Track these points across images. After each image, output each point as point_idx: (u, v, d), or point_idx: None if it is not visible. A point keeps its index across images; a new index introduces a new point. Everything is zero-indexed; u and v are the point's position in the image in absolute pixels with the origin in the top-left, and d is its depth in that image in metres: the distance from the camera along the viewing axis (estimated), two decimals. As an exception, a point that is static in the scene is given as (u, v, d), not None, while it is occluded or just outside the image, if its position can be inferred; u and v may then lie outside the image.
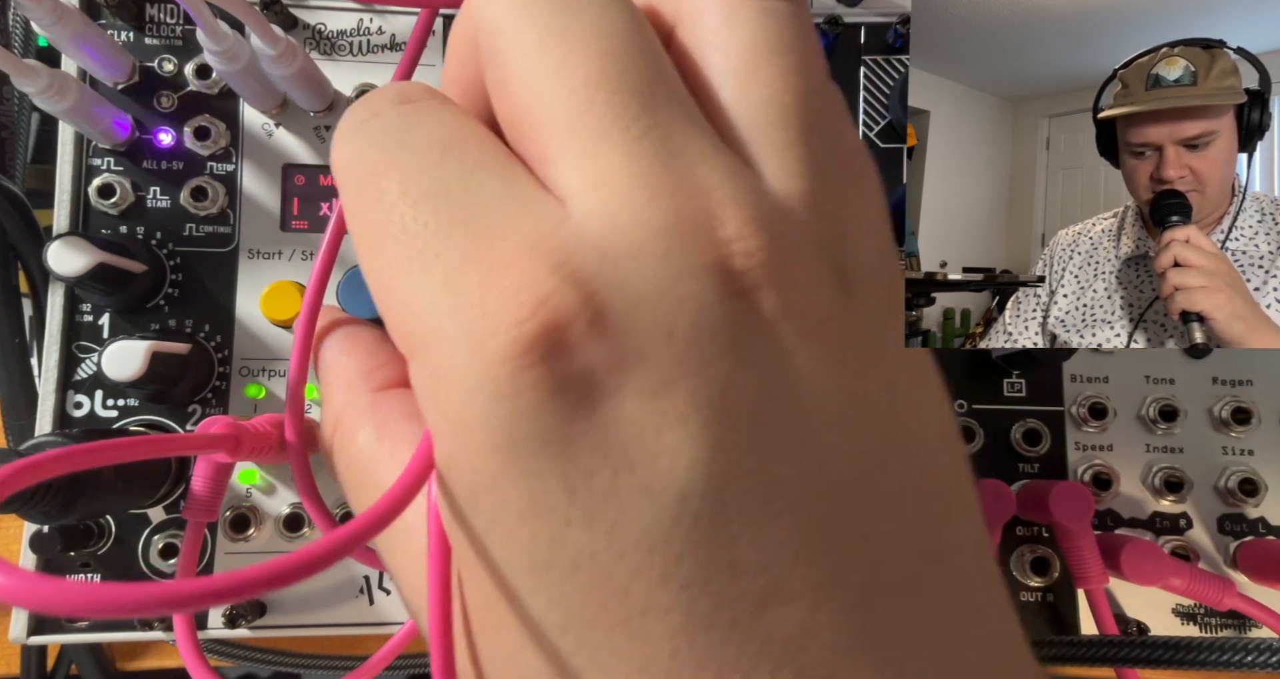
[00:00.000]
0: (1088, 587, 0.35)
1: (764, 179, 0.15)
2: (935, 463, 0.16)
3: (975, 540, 0.16)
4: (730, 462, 0.13)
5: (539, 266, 0.13)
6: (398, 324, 0.15)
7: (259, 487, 0.36)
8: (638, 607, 0.13)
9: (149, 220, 0.37)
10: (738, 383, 0.13)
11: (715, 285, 0.13)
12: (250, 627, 0.36)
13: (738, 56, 0.15)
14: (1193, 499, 0.38)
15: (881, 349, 0.15)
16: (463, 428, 0.14)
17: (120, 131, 0.36)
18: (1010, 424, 0.38)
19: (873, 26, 0.40)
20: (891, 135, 0.40)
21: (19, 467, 0.15)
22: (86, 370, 0.36)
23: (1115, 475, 0.38)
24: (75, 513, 0.29)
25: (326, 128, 0.38)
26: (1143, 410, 0.38)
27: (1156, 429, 0.38)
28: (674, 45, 0.16)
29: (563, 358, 0.13)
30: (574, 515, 0.13)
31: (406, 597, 0.19)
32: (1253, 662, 0.27)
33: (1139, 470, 0.38)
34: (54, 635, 0.35)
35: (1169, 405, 0.38)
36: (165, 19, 0.38)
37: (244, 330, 0.37)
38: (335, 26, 0.39)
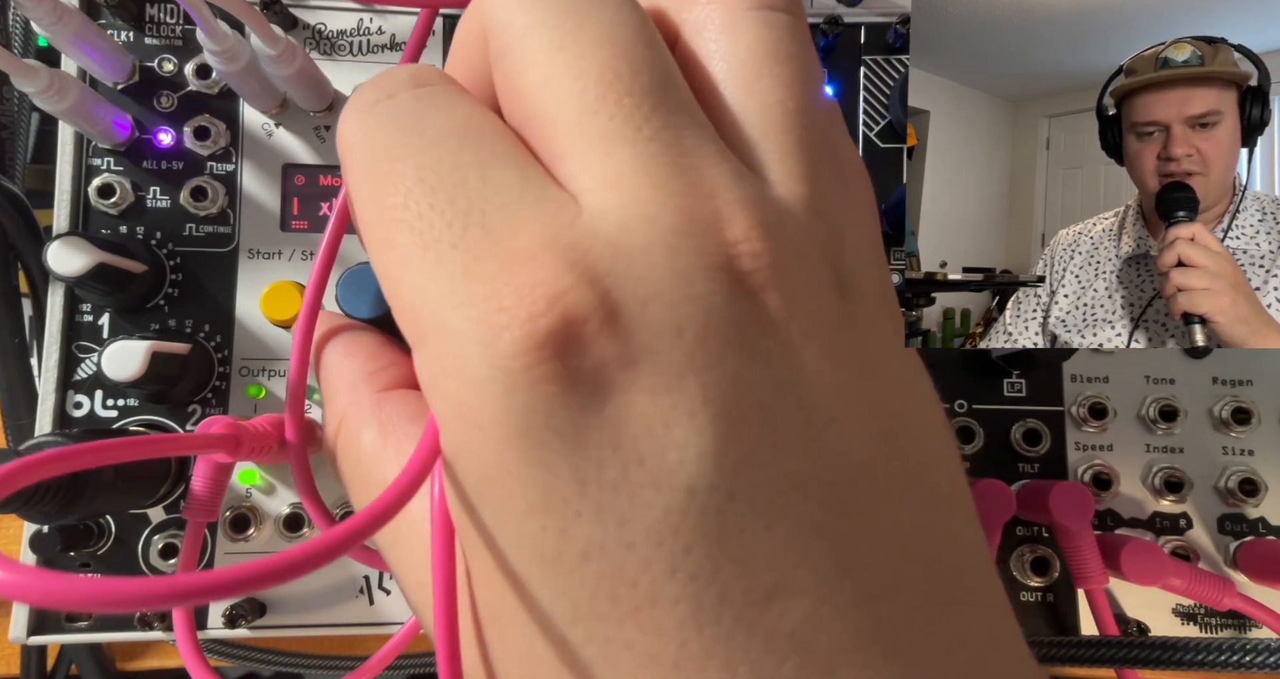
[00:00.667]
0: (1088, 587, 0.35)
1: (767, 184, 0.15)
2: (933, 461, 0.16)
3: (972, 537, 0.16)
4: (739, 455, 0.13)
5: (555, 262, 0.13)
6: (408, 313, 0.15)
7: (259, 487, 0.36)
8: (646, 598, 0.13)
9: (149, 220, 0.37)
10: (746, 379, 0.14)
11: (723, 285, 0.14)
12: (250, 627, 0.36)
13: (740, 65, 0.16)
14: (1193, 499, 0.38)
15: (878, 349, 0.16)
16: (473, 420, 0.14)
17: (120, 131, 0.36)
18: (1010, 424, 0.38)
19: (873, 26, 0.40)
20: (891, 135, 0.40)
21: (18, 466, 0.15)
22: (86, 370, 0.36)
23: (1115, 475, 0.38)
24: (75, 513, 0.29)
25: (326, 128, 0.38)
26: (1143, 410, 0.38)
27: (1156, 429, 0.38)
28: (677, 53, 0.17)
29: (576, 353, 0.13)
30: (584, 507, 0.13)
31: (409, 593, 0.19)
32: (1253, 662, 0.27)
33: (1139, 470, 0.38)
34: (54, 635, 0.35)
35: (1169, 405, 0.38)
36: (165, 19, 0.38)
37: (244, 330, 0.37)
38: (335, 26, 0.39)
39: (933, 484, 0.16)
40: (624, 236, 0.14)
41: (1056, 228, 0.47)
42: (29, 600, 0.12)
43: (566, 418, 0.13)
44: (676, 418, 0.13)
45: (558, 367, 0.13)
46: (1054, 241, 0.47)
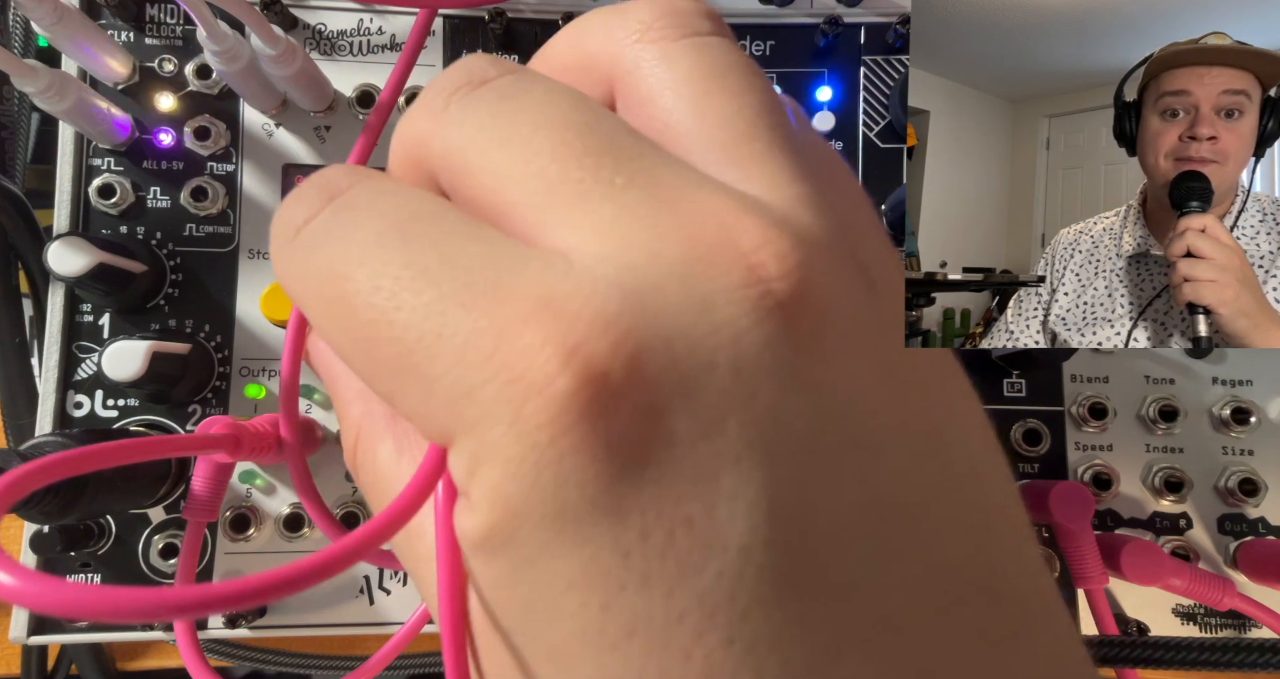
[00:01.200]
0: (1088, 587, 0.35)
1: (760, 191, 0.14)
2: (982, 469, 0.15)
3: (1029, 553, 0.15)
4: (792, 501, 0.12)
5: (557, 318, 0.12)
6: (424, 424, 0.14)
7: (259, 487, 0.36)
8: (699, 673, 0.12)
9: (149, 220, 0.37)
10: (789, 410, 0.12)
11: (750, 304, 0.13)
12: (250, 627, 0.36)
13: (686, 90, 0.15)
14: (1193, 499, 0.38)
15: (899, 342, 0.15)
16: (507, 504, 0.13)
17: (120, 131, 0.36)
18: (1010, 424, 0.38)
19: (873, 26, 0.40)
20: (891, 135, 0.40)
21: (20, 474, 0.14)
22: (86, 370, 0.36)
23: (1115, 475, 0.38)
24: (75, 513, 0.29)
25: (327, 128, 0.38)
26: (1143, 410, 0.38)
27: (1156, 429, 0.38)
28: (622, 102, 0.16)
29: (603, 411, 0.12)
30: (629, 580, 0.12)
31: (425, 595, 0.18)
32: (1253, 662, 0.27)
33: (1139, 470, 0.38)
34: (54, 635, 0.35)
35: (1169, 405, 0.38)
36: (165, 19, 0.38)
37: (244, 330, 0.37)
38: (335, 26, 0.38)
39: (986, 499, 0.15)
40: (629, 277, 0.13)
41: (1056, 228, 0.47)
42: (34, 607, 0.12)
43: (603, 487, 0.12)
44: (722, 466, 0.12)
45: (585, 430, 0.12)
46: (1055, 240, 0.47)
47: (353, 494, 0.37)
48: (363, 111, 0.38)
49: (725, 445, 0.12)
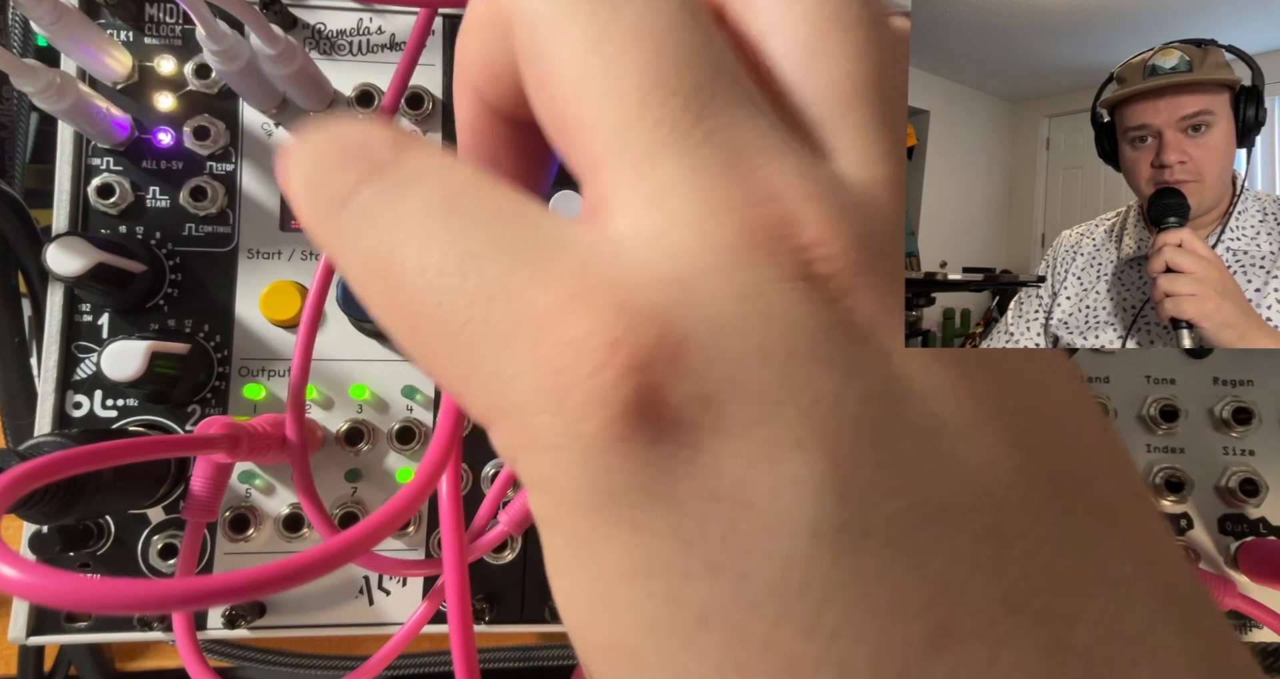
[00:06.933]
0: (1088, 587, 0.35)
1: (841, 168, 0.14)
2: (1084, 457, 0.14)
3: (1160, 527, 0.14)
4: (864, 484, 0.12)
5: (601, 307, 0.12)
6: (466, 402, 0.14)
7: (258, 487, 0.36)
8: (783, 665, 0.11)
9: (148, 220, 0.37)
10: (850, 395, 0.12)
11: (803, 296, 0.12)
12: (250, 627, 0.36)
13: (799, 37, 0.14)
14: (1193, 499, 0.38)
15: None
16: (554, 492, 0.13)
17: (120, 131, 0.36)
18: (1011, 424, 0.38)
19: (873, 26, 0.40)
20: (892, 135, 0.40)
21: (19, 474, 0.14)
22: (86, 370, 0.36)
23: (1116, 476, 0.37)
24: (74, 513, 0.29)
25: (326, 127, 0.38)
26: (1143, 410, 0.38)
27: (1157, 429, 0.38)
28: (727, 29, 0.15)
29: (651, 402, 0.12)
30: (693, 568, 0.12)
31: None
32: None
33: (1139, 470, 0.38)
34: (53, 635, 0.35)
35: (1169, 405, 0.38)
36: (164, 18, 0.38)
37: (243, 330, 0.37)
38: (335, 26, 0.38)
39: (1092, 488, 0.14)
40: (677, 262, 0.12)
41: (1057, 228, 0.47)
42: (36, 599, 0.12)
43: (655, 474, 0.12)
44: (781, 451, 0.12)
45: (634, 421, 0.12)
46: (1056, 243, 0.47)
47: (352, 495, 0.37)
48: (362, 111, 0.38)
49: (784, 430, 0.12)
